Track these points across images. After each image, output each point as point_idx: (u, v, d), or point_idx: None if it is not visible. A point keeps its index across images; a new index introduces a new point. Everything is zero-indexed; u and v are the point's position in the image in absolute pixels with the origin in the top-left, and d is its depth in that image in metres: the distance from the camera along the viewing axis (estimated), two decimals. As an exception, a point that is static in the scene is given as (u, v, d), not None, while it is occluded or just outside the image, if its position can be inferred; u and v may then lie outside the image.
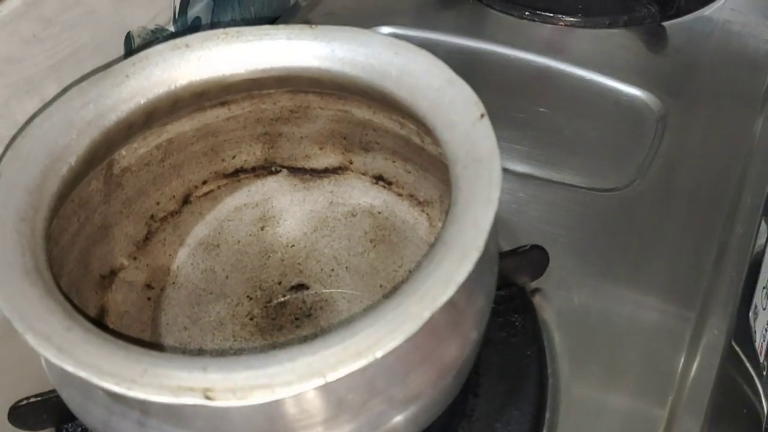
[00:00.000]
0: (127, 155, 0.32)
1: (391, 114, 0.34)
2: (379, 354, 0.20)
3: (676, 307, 0.36)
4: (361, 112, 0.35)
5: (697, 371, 0.34)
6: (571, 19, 0.52)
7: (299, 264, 0.35)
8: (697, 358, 0.34)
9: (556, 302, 0.36)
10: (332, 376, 0.20)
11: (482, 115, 0.27)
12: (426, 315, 0.21)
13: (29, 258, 0.23)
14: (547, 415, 0.32)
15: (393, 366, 0.23)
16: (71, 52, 0.39)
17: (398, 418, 0.25)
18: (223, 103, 0.34)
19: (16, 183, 0.25)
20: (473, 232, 0.23)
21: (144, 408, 0.22)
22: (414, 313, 0.21)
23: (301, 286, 0.34)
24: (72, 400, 0.24)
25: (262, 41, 0.31)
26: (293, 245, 0.36)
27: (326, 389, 0.22)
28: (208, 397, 0.20)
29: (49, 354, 0.20)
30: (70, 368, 0.20)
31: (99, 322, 0.30)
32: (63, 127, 0.27)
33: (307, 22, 0.34)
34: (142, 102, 0.29)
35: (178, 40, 0.30)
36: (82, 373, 0.20)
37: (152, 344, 0.32)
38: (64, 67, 0.38)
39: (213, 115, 0.34)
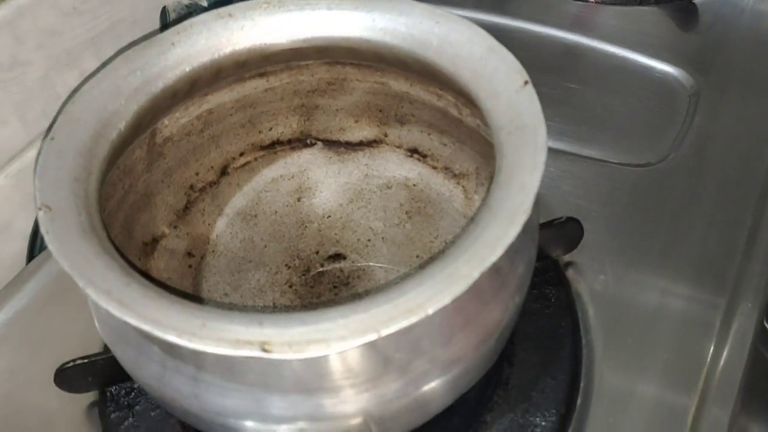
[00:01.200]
0: (170, 125, 0.33)
1: (428, 86, 0.34)
2: (430, 311, 0.21)
3: (707, 288, 0.36)
4: (398, 85, 0.35)
5: (728, 356, 0.34)
6: (602, -4, 0.52)
7: (336, 234, 0.36)
8: (728, 344, 0.34)
9: (589, 276, 0.37)
10: (385, 331, 0.21)
11: (526, 82, 0.27)
12: (475, 275, 0.22)
13: (85, 217, 0.24)
14: (582, 384, 0.33)
15: (439, 327, 0.24)
16: (109, 26, 0.39)
17: (440, 380, 0.25)
18: (261, 75, 0.34)
19: (68, 146, 0.25)
20: (520, 195, 0.23)
21: (198, 363, 0.23)
22: (463, 273, 0.22)
23: (338, 256, 0.35)
24: (125, 356, 0.25)
25: (304, 11, 0.31)
26: (329, 216, 0.37)
27: (375, 347, 0.23)
28: (265, 350, 0.20)
29: (111, 307, 0.21)
30: (132, 321, 0.20)
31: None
32: (111, 93, 0.28)
33: None
34: (187, 70, 0.30)
35: (221, 9, 0.31)
36: (145, 326, 0.20)
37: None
38: (102, 40, 0.39)
39: (252, 87, 0.34)
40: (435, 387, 0.25)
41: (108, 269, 0.22)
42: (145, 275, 0.31)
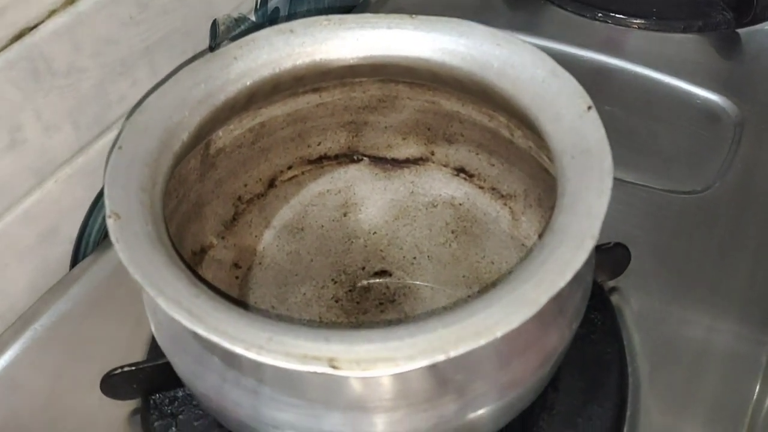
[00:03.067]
0: (223, 136, 0.33)
1: (481, 106, 0.34)
2: (498, 334, 0.21)
3: (755, 323, 0.35)
4: (449, 104, 0.35)
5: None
6: (645, 22, 0.52)
7: (381, 251, 0.36)
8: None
9: (635, 303, 0.36)
10: (453, 353, 0.20)
11: (589, 107, 0.27)
12: (543, 300, 0.21)
13: (152, 227, 0.24)
14: (628, 412, 0.32)
15: (500, 350, 0.24)
16: (163, 36, 0.40)
17: (495, 404, 0.25)
18: (315, 90, 0.34)
19: (135, 156, 0.26)
20: (587, 220, 0.23)
21: (258, 376, 0.23)
22: (531, 297, 0.21)
23: (384, 272, 0.35)
24: (183, 366, 0.25)
25: (364, 29, 0.31)
26: (375, 232, 0.37)
27: (436, 368, 0.23)
28: (333, 366, 0.20)
29: (181, 317, 0.21)
30: (202, 332, 0.20)
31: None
32: (176, 104, 0.28)
33: None
34: (247, 83, 0.30)
35: (283, 25, 0.31)
36: (214, 338, 0.20)
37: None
38: (155, 50, 0.39)
39: (304, 101, 0.35)
40: (489, 410, 0.25)
41: (176, 279, 0.22)
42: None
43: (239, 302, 0.33)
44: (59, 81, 0.35)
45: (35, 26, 0.33)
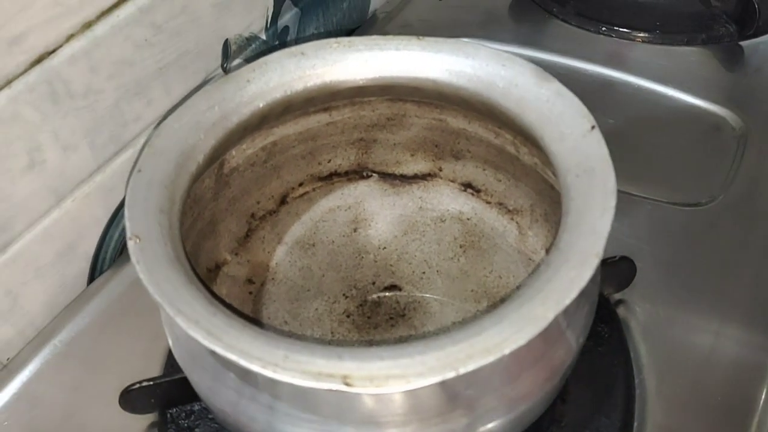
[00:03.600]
0: (236, 155, 0.34)
1: (487, 124, 0.35)
2: (506, 351, 0.21)
3: (760, 330, 0.36)
4: (456, 121, 0.36)
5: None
6: (648, 35, 0.53)
7: (391, 266, 0.37)
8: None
9: (640, 315, 0.37)
10: (463, 370, 0.21)
11: (593, 127, 0.28)
12: (550, 316, 0.22)
13: (171, 247, 0.25)
14: (636, 423, 0.33)
15: (509, 365, 0.24)
16: (176, 57, 0.41)
17: (505, 418, 0.26)
18: (325, 109, 0.35)
19: (154, 178, 0.27)
20: (591, 238, 0.24)
21: (273, 392, 0.24)
22: (538, 314, 0.22)
23: (393, 287, 0.36)
24: (201, 382, 0.26)
25: (372, 51, 0.32)
26: (385, 247, 0.37)
27: (447, 383, 0.23)
28: (347, 384, 0.21)
29: (199, 336, 0.22)
30: (219, 350, 0.21)
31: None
32: (192, 127, 0.29)
33: (385, 33, 0.35)
34: (260, 105, 0.31)
35: (294, 48, 0.32)
36: (231, 356, 0.21)
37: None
38: (169, 71, 0.40)
39: (315, 120, 0.36)
40: (499, 424, 0.26)
41: (194, 299, 0.23)
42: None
43: (253, 319, 0.34)
44: (77, 102, 0.36)
45: (54, 50, 0.34)
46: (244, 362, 0.21)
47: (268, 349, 0.22)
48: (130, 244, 0.24)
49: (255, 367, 0.21)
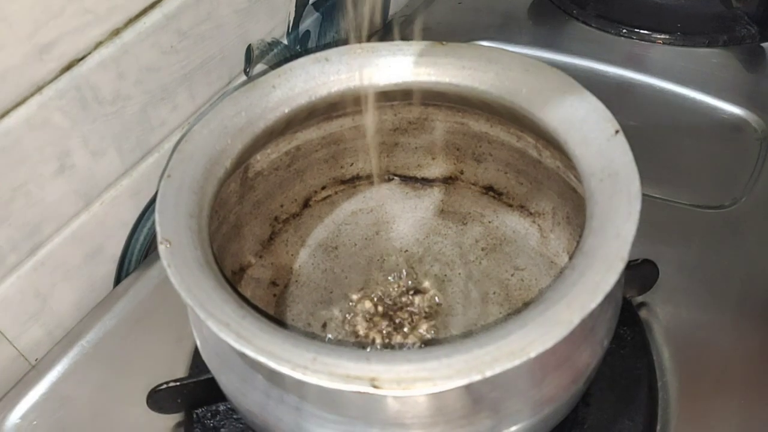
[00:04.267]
0: (261, 160, 0.35)
1: (509, 127, 0.35)
2: (532, 354, 0.22)
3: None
4: (478, 125, 0.36)
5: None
6: (669, 37, 0.53)
7: (413, 268, 0.37)
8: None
9: (663, 318, 0.37)
10: (489, 373, 0.21)
11: (617, 131, 0.28)
12: (575, 321, 0.22)
13: (200, 252, 0.25)
14: (658, 426, 0.33)
15: (534, 368, 0.25)
16: (201, 63, 0.41)
17: (529, 420, 0.26)
18: (348, 114, 0.36)
19: (183, 183, 0.27)
20: (616, 243, 0.24)
21: (301, 393, 0.24)
22: (564, 318, 0.22)
23: (416, 290, 0.36)
24: (229, 383, 0.26)
25: (396, 56, 0.33)
26: (407, 250, 0.38)
27: (473, 386, 0.24)
28: (375, 386, 0.21)
29: (230, 339, 0.22)
30: (250, 353, 0.22)
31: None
32: (219, 133, 0.30)
33: (403, 37, 0.36)
34: (285, 111, 0.31)
35: (318, 54, 0.32)
36: (261, 358, 0.22)
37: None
38: (194, 76, 0.41)
39: (338, 125, 0.36)
40: (523, 427, 0.26)
41: (224, 302, 0.23)
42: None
43: (277, 320, 0.34)
44: (105, 108, 0.37)
45: (83, 58, 0.35)
46: (274, 364, 0.22)
47: (297, 352, 0.22)
48: (161, 249, 0.24)
49: (285, 370, 0.21)
